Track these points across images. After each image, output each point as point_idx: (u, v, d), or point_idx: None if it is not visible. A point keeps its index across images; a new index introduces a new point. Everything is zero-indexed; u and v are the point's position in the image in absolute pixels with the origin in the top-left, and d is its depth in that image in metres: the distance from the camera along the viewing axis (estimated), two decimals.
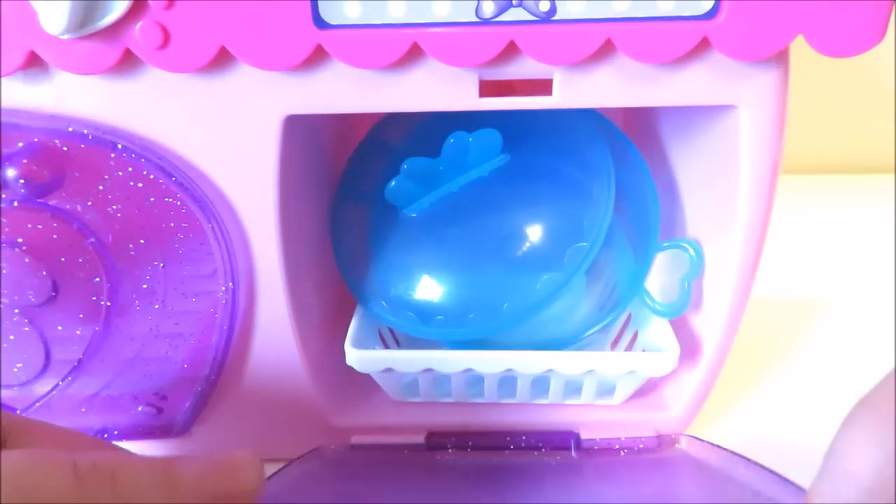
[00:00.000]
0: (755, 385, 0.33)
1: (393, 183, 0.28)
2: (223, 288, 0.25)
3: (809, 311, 0.39)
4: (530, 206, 0.28)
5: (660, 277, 0.30)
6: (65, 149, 0.23)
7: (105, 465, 0.17)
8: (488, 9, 0.20)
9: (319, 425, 0.29)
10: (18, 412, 0.26)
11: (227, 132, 0.23)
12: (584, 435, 0.29)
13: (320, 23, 0.20)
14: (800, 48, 0.21)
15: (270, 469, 0.29)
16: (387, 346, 0.31)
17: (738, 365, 0.29)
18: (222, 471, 0.20)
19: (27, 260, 0.23)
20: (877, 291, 0.40)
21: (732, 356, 0.28)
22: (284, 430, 0.28)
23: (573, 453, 0.29)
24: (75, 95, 0.22)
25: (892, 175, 0.54)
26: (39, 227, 0.23)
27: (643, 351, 0.29)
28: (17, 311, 0.24)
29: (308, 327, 0.27)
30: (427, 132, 0.29)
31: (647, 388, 0.30)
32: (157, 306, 0.25)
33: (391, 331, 0.31)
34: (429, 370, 0.27)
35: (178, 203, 0.24)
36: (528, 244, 0.28)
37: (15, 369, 0.25)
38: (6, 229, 0.23)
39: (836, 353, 0.36)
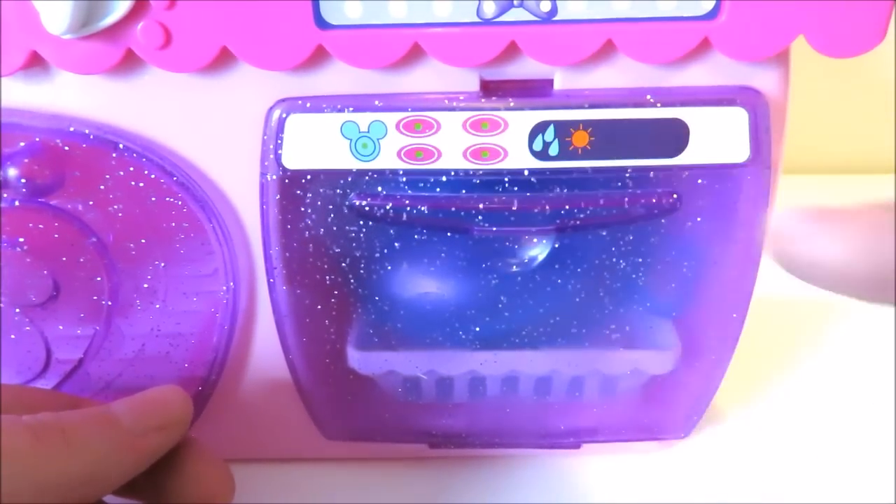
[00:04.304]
0: (759, 388, 0.33)
1: None
2: (224, 288, 0.25)
3: (809, 311, 0.39)
4: None
5: None
6: (66, 148, 0.23)
7: (55, 422, 0.19)
8: (489, 9, 0.20)
9: (320, 427, 0.29)
10: None
11: (228, 132, 0.23)
12: (585, 437, 0.29)
13: (321, 23, 0.20)
14: (800, 48, 0.21)
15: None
16: (389, 348, 0.31)
17: (743, 367, 0.29)
18: (152, 403, 0.21)
19: (28, 259, 0.23)
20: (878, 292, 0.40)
21: (737, 358, 0.27)
22: (285, 431, 0.28)
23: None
24: (76, 95, 0.22)
25: (892, 175, 0.54)
26: (40, 226, 0.23)
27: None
28: (17, 310, 0.24)
29: (309, 328, 0.27)
30: None
31: (650, 391, 0.30)
32: (157, 306, 0.25)
33: (394, 332, 0.31)
34: (432, 371, 0.27)
35: (180, 203, 0.24)
36: None
37: (15, 369, 0.25)
38: (7, 229, 0.23)
39: (838, 354, 0.36)
